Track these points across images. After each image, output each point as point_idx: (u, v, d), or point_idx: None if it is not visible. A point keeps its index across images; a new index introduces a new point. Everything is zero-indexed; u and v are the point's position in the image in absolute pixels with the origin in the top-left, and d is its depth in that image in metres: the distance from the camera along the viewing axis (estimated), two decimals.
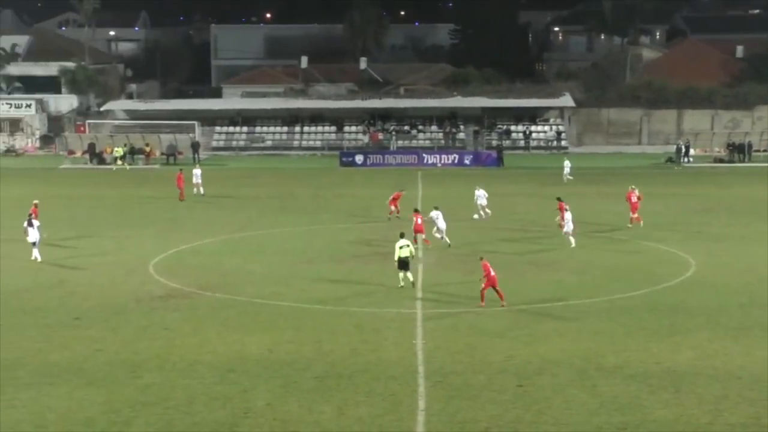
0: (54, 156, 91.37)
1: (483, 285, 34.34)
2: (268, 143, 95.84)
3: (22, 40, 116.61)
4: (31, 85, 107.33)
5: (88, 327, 32.18)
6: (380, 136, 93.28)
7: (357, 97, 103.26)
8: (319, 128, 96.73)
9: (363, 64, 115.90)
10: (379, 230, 49.80)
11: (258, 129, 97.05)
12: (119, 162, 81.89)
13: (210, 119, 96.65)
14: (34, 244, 43.08)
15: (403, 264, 36.75)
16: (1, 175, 77.33)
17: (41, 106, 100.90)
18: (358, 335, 31.06)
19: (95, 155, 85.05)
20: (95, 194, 65.89)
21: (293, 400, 25.07)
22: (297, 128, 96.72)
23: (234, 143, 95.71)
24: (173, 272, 40.21)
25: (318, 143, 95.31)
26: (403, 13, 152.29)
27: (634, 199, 51.82)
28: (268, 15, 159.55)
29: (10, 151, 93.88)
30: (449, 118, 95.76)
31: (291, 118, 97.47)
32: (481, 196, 54.02)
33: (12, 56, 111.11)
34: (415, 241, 43.79)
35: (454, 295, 36.23)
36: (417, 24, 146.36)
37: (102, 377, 26.96)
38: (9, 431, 23.19)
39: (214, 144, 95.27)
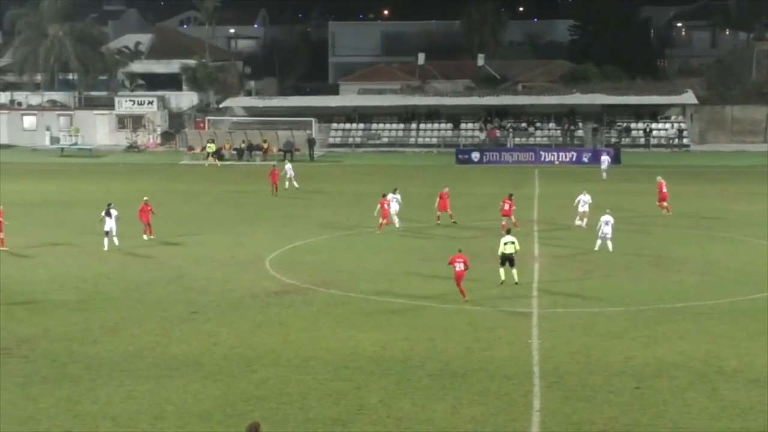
0: (174, 152, 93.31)
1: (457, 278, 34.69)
2: (384, 140, 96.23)
3: (145, 39, 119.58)
4: (154, 82, 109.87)
5: (205, 321, 32.74)
6: (497, 133, 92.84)
7: (474, 93, 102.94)
8: (436, 125, 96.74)
9: (480, 60, 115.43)
10: (497, 229, 49.52)
11: (374, 126, 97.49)
12: (211, 158, 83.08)
13: (327, 116, 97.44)
14: (107, 233, 44.50)
15: (506, 259, 37.07)
16: (123, 171, 79.40)
17: (163, 103, 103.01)
18: (472, 334, 30.93)
19: (214, 151, 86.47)
20: (214, 190, 67.04)
21: (406, 398, 25.07)
22: (413, 125, 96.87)
23: (350, 140, 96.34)
24: (288, 268, 40.63)
25: (434, 140, 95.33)
26: (521, 9, 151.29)
27: (664, 189, 53.49)
28: (386, 12, 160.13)
29: (132, 147, 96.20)
30: (567, 116, 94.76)
31: (407, 115, 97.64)
32: (584, 202, 49.39)
33: (135, 54, 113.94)
34: (380, 227, 48.10)
35: (571, 294, 35.84)
36: (535, 20, 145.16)
37: (218, 371, 27.37)
38: (128, 422, 23.70)
39: (331, 140, 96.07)
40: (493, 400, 24.92)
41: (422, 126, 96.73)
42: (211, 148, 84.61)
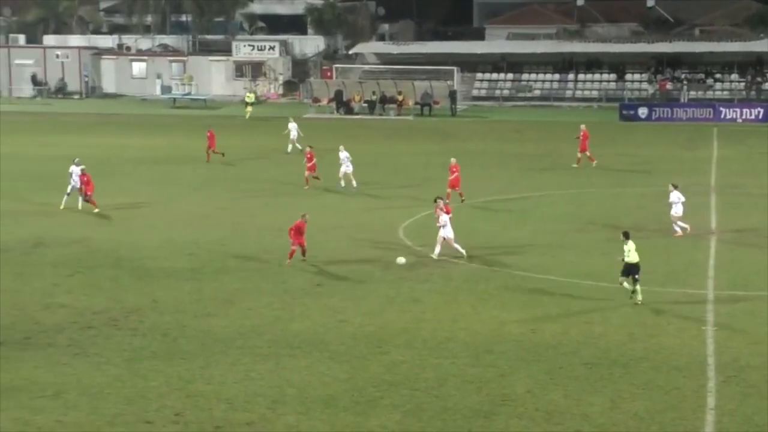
0: (298, 104, 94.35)
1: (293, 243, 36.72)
2: (537, 93, 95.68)
3: None
4: (276, 24, 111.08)
5: (331, 295, 33.12)
6: (669, 85, 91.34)
7: (642, 39, 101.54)
8: (596, 76, 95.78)
9: (650, 0, 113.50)
10: (663, 197, 48.83)
11: (525, 76, 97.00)
12: (248, 108, 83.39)
13: (470, 65, 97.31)
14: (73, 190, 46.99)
15: (631, 269, 31.96)
16: (240, 125, 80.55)
17: (285, 48, 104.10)
18: (635, 317, 30.64)
19: (342, 104, 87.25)
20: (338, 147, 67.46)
21: (558, 389, 25.01)
22: (570, 76, 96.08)
23: (497, 92, 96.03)
24: (424, 237, 40.68)
25: (594, 93, 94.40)
26: None
27: (586, 140, 57.40)
28: None
29: None
30: (754, 65, 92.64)
31: (563, 64, 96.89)
32: (675, 201, 41.15)
33: None
34: None
35: (754, 274, 35.12)
36: None
37: (345, 351, 27.70)
38: (244, 405, 24.14)
39: (475, 93, 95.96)
40: (659, 394, 24.67)
41: (581, 77, 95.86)
42: (250, 98, 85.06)
